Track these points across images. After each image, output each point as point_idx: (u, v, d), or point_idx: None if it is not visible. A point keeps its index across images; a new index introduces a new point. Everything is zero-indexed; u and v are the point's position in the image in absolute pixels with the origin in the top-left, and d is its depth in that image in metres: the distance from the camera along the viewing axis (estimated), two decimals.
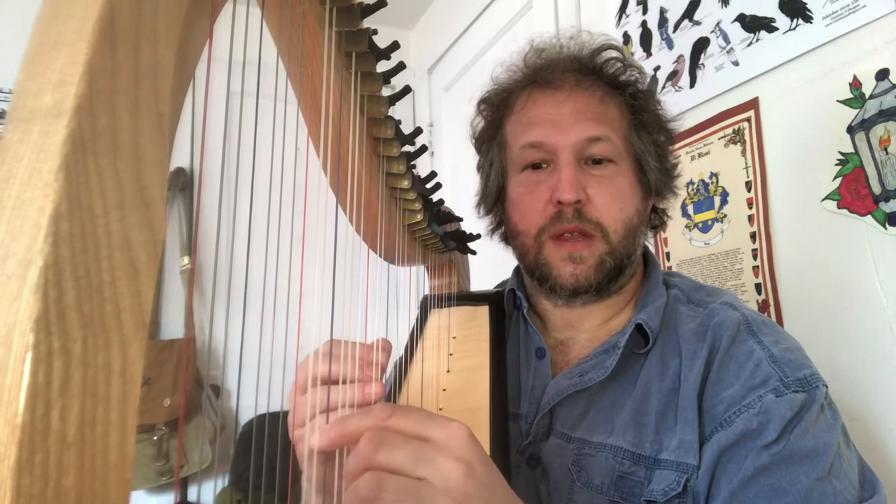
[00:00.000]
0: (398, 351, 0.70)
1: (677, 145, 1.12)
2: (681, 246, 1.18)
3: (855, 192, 0.88)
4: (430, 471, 0.37)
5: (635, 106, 0.70)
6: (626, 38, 1.31)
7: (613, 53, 0.71)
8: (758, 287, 1.02)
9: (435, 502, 0.37)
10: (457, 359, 0.69)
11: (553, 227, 0.66)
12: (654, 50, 1.25)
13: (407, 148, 0.53)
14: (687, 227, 1.16)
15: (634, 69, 0.72)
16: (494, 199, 0.76)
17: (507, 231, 0.76)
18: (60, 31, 0.20)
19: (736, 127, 1.06)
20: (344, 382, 0.50)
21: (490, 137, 0.76)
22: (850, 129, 0.88)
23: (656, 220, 0.77)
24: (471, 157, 0.83)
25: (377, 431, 0.38)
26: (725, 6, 1.07)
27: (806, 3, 0.94)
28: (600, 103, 0.68)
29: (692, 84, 1.15)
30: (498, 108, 0.75)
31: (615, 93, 0.70)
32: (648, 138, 0.70)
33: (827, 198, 0.91)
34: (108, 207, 0.20)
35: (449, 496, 0.37)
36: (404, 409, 0.40)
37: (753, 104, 1.03)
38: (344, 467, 0.39)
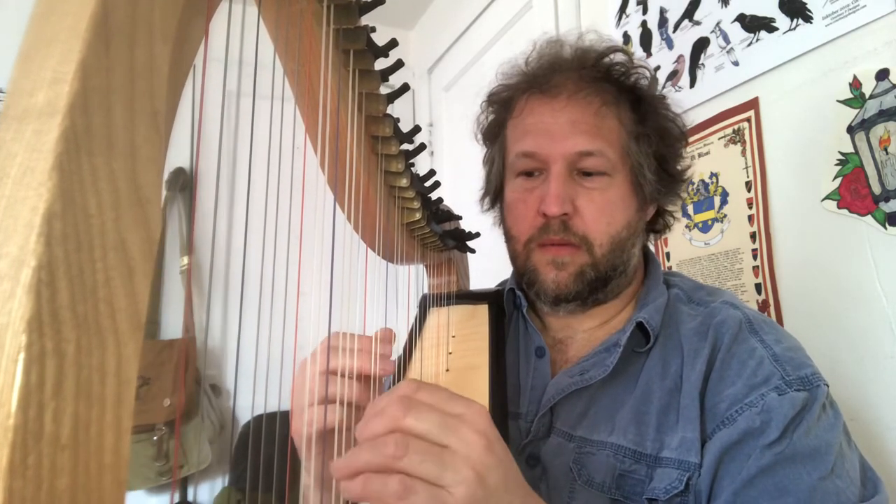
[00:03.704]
0: (397, 350, 0.70)
1: None
2: (681, 246, 1.18)
3: (855, 192, 0.87)
4: (454, 439, 0.39)
5: (636, 116, 0.69)
6: (626, 38, 1.31)
7: (617, 58, 0.70)
8: (758, 287, 1.02)
9: (457, 468, 0.38)
10: (456, 358, 0.69)
11: (540, 237, 0.67)
12: (654, 50, 1.25)
13: (405, 146, 0.53)
14: (687, 227, 1.16)
15: (640, 73, 0.70)
16: (494, 198, 0.77)
17: (503, 231, 0.76)
18: (55, 29, 0.20)
19: (736, 127, 1.06)
20: (346, 375, 0.50)
21: (493, 136, 0.76)
22: (850, 129, 0.88)
23: (660, 225, 0.76)
24: (471, 157, 0.83)
25: (406, 398, 0.40)
26: (725, 6, 1.07)
27: (806, 3, 0.93)
28: (596, 115, 0.67)
29: (692, 84, 1.15)
30: (500, 109, 0.75)
31: (616, 101, 0.68)
32: (647, 150, 0.68)
33: (827, 198, 0.91)
34: (102, 207, 0.20)
35: (470, 464, 0.38)
36: (429, 385, 0.42)
37: (753, 104, 1.03)
38: (362, 426, 0.40)
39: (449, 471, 0.38)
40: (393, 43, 0.44)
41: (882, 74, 0.84)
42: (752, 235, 1.03)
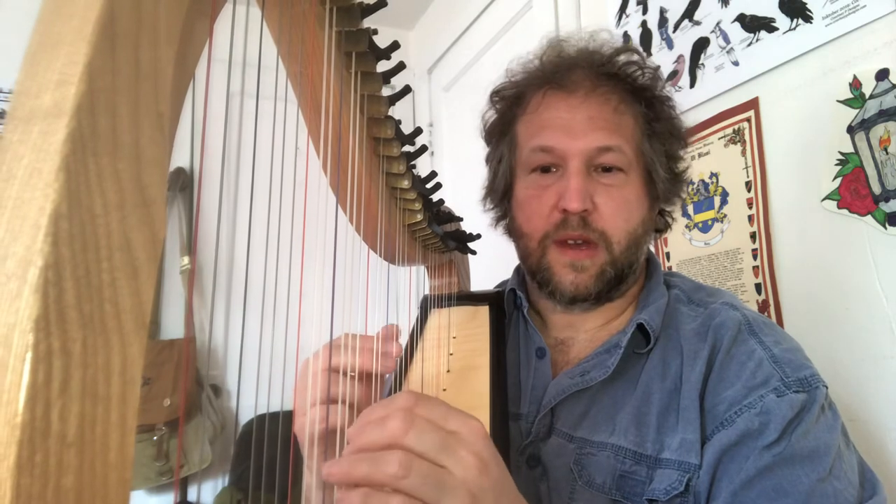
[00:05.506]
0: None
1: None
2: (681, 246, 1.18)
3: (855, 192, 0.88)
4: (452, 461, 0.39)
5: (650, 115, 0.69)
6: (626, 38, 1.31)
7: (633, 57, 0.70)
8: (758, 287, 1.02)
9: (455, 492, 0.38)
10: (457, 359, 0.69)
11: (557, 234, 0.66)
12: (654, 50, 1.25)
13: (407, 148, 0.53)
14: (687, 227, 1.16)
15: (651, 72, 0.70)
16: (501, 196, 0.76)
17: (511, 229, 0.76)
18: (60, 30, 0.20)
19: (736, 127, 1.06)
20: (349, 373, 0.50)
21: (501, 133, 0.75)
22: (850, 129, 0.88)
23: (661, 224, 0.76)
24: (471, 157, 0.83)
25: (409, 413, 0.39)
26: (725, 6, 1.07)
27: (806, 3, 0.94)
28: (615, 111, 0.67)
29: (692, 84, 1.15)
30: (510, 105, 0.74)
31: (631, 100, 0.68)
32: (660, 148, 0.69)
33: (827, 198, 0.91)
34: (108, 207, 0.20)
35: (467, 487, 0.38)
36: (427, 398, 0.41)
37: (753, 104, 1.03)
38: (358, 432, 0.39)
39: (447, 494, 0.38)
40: (394, 45, 0.44)
41: (882, 74, 0.84)
42: (752, 235, 1.03)
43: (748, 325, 0.63)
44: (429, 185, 0.61)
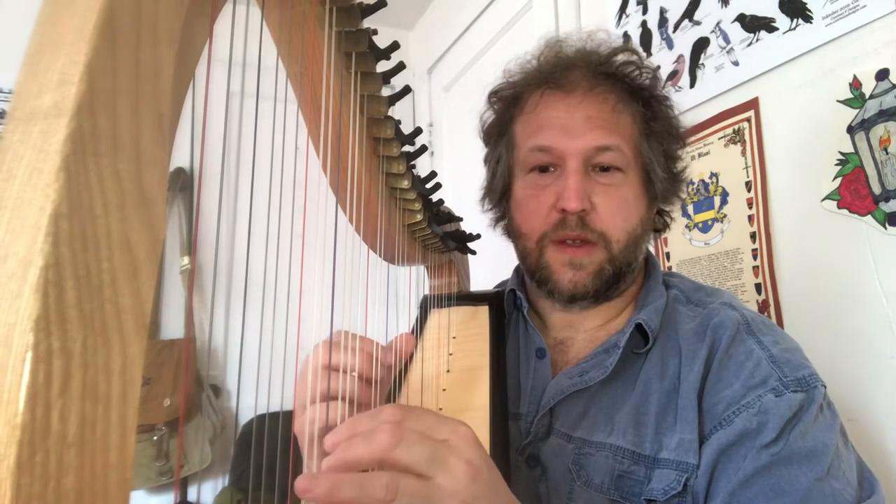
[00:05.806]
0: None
1: None
2: (681, 246, 1.18)
3: (855, 192, 0.88)
4: (442, 472, 0.38)
5: (648, 114, 0.69)
6: (626, 38, 1.31)
7: (631, 57, 0.70)
8: (758, 287, 1.02)
9: (447, 502, 0.37)
10: (457, 359, 0.69)
11: (556, 234, 0.66)
12: (654, 50, 1.25)
13: (407, 148, 0.53)
14: (687, 227, 1.16)
15: (650, 72, 0.70)
16: (499, 196, 0.76)
17: (509, 229, 0.76)
18: (61, 31, 0.20)
19: (736, 127, 1.06)
20: (348, 372, 0.50)
21: (499, 133, 0.75)
22: (850, 129, 0.88)
23: (660, 224, 0.76)
24: (471, 158, 0.83)
25: (398, 426, 0.38)
26: (725, 6, 1.07)
27: (806, 3, 0.94)
28: (612, 111, 0.67)
29: (692, 84, 1.15)
30: (508, 105, 0.74)
31: (629, 99, 0.68)
32: (658, 147, 0.69)
33: (827, 198, 0.91)
34: (108, 207, 0.20)
35: (458, 497, 0.38)
36: (415, 410, 0.41)
37: (753, 104, 1.03)
38: (347, 449, 0.39)
39: None
40: (394, 45, 0.44)
41: (882, 74, 0.84)
42: (752, 235, 1.03)
43: (746, 325, 0.64)
44: (429, 185, 0.61)
